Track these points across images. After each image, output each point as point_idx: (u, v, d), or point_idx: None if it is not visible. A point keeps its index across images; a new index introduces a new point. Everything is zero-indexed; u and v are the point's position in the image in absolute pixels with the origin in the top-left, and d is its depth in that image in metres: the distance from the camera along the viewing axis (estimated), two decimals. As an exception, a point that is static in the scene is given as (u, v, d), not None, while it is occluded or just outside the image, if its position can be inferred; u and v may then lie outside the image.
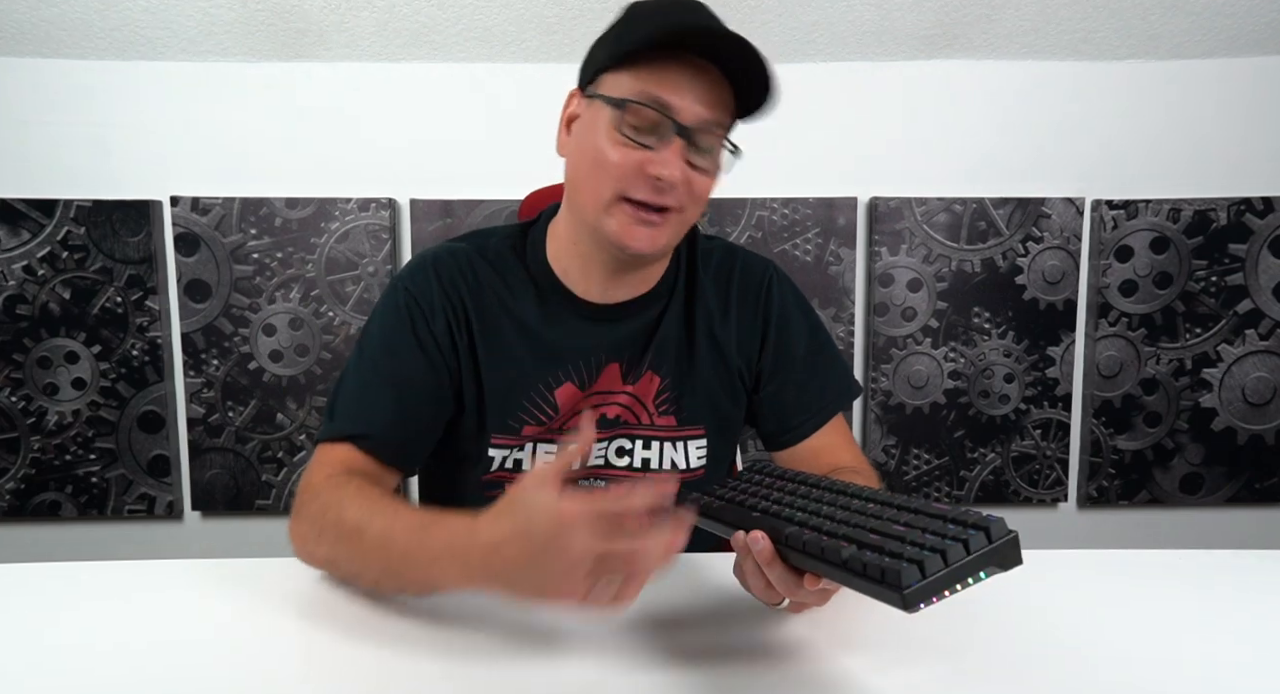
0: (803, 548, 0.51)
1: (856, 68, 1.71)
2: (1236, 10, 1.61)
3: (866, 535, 0.50)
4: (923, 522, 0.50)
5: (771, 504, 0.59)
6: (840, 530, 0.51)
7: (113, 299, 1.69)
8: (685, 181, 0.70)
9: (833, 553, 0.49)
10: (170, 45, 1.63)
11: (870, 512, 0.54)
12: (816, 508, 0.56)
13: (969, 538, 0.46)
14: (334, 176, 1.69)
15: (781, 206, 1.71)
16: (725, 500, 0.63)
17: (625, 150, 0.70)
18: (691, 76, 0.69)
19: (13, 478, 1.72)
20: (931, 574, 0.44)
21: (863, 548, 0.48)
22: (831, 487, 0.61)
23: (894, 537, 0.48)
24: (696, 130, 0.69)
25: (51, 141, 1.67)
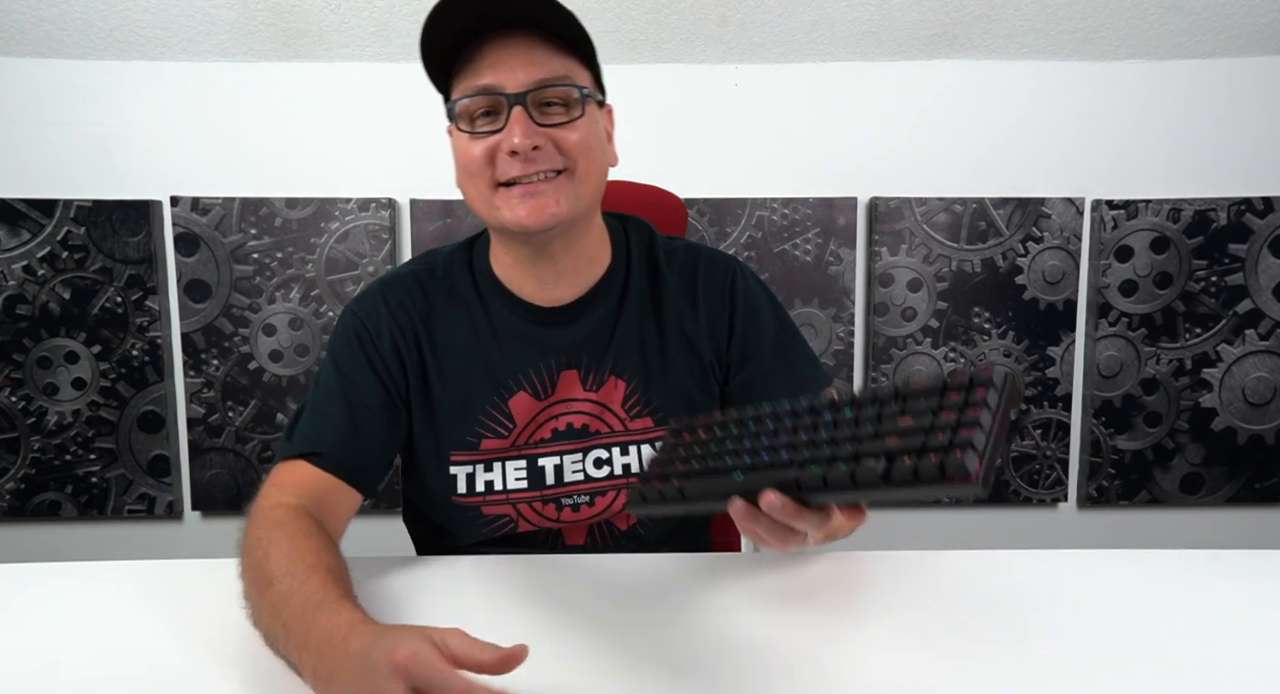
0: (826, 485, 0.47)
1: (856, 68, 1.71)
2: (1236, 10, 1.61)
3: (881, 443, 0.46)
4: (921, 404, 0.47)
5: (741, 456, 0.54)
6: (849, 450, 0.47)
7: (113, 299, 1.69)
8: (549, 141, 0.70)
9: (867, 476, 0.45)
10: (170, 45, 1.63)
11: (859, 419, 0.50)
12: (793, 439, 0.52)
13: (984, 398, 0.44)
14: (334, 176, 1.69)
15: (781, 206, 1.71)
16: (682, 476, 0.56)
17: (478, 142, 0.71)
18: (500, 48, 0.70)
19: (13, 478, 1.72)
20: (983, 447, 0.42)
21: (891, 457, 0.44)
22: (782, 412, 0.55)
23: (912, 431, 0.45)
24: (530, 92, 0.69)
25: (51, 141, 1.67)
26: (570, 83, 0.71)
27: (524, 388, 0.79)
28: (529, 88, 0.69)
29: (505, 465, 0.79)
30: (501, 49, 0.69)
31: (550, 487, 0.79)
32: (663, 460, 0.60)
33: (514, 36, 0.70)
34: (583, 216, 0.75)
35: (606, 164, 0.77)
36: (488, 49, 0.70)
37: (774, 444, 0.53)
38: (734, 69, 1.70)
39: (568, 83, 0.71)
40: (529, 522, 0.80)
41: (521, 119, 0.69)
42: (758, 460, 0.52)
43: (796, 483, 0.48)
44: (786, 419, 0.54)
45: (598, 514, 0.81)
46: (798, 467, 0.49)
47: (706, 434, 0.59)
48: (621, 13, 1.57)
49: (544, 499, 0.79)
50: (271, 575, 0.58)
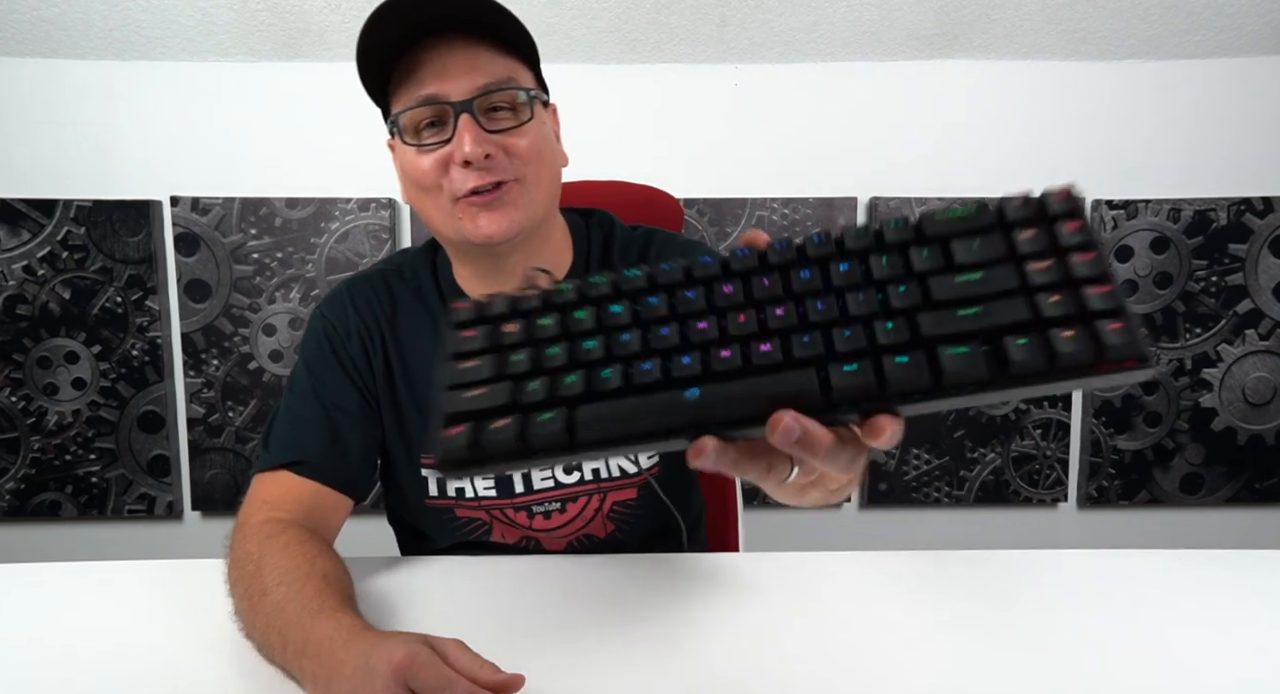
0: (883, 390, 0.32)
1: (856, 68, 1.71)
2: (1236, 10, 1.60)
3: (953, 316, 0.33)
4: (977, 250, 0.34)
5: (667, 352, 0.35)
6: (901, 333, 0.33)
7: (113, 299, 1.69)
8: (500, 148, 0.68)
9: (965, 368, 0.31)
10: (170, 45, 1.63)
11: (890, 277, 0.35)
12: (782, 317, 0.35)
13: (1085, 234, 0.33)
14: (334, 176, 1.69)
15: (781, 206, 1.71)
16: (544, 401, 0.36)
17: (426, 155, 0.69)
18: (441, 54, 0.67)
19: (13, 478, 1.72)
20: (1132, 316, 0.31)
21: (991, 336, 0.32)
22: (738, 265, 0.38)
23: (1015, 292, 0.32)
24: (475, 99, 0.67)
25: (51, 141, 1.67)
26: (515, 86, 0.69)
27: None
28: (474, 94, 0.67)
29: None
30: (443, 56, 0.67)
31: (520, 495, 0.78)
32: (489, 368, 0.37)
33: (453, 42, 0.67)
34: (541, 222, 0.73)
35: (558, 165, 0.76)
36: (427, 57, 0.67)
37: (735, 325, 0.35)
38: (734, 69, 1.70)
39: (513, 86, 0.69)
40: (503, 524, 0.80)
41: (470, 127, 0.67)
42: (715, 359, 0.34)
43: (824, 396, 0.32)
44: (750, 277, 0.37)
45: (569, 521, 0.80)
46: (803, 365, 0.33)
47: (585, 301, 0.39)
48: (621, 13, 1.57)
49: (515, 506, 0.79)
50: (265, 586, 0.58)
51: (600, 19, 1.57)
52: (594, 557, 0.76)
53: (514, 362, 0.37)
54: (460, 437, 0.35)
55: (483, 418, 0.36)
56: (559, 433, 0.34)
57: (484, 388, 0.36)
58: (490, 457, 0.35)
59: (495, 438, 0.35)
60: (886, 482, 1.78)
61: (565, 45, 1.64)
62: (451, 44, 0.68)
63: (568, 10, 1.58)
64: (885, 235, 0.36)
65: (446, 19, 0.67)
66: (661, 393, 0.34)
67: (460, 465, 0.35)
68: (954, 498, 1.79)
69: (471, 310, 0.40)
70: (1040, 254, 0.33)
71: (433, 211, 0.71)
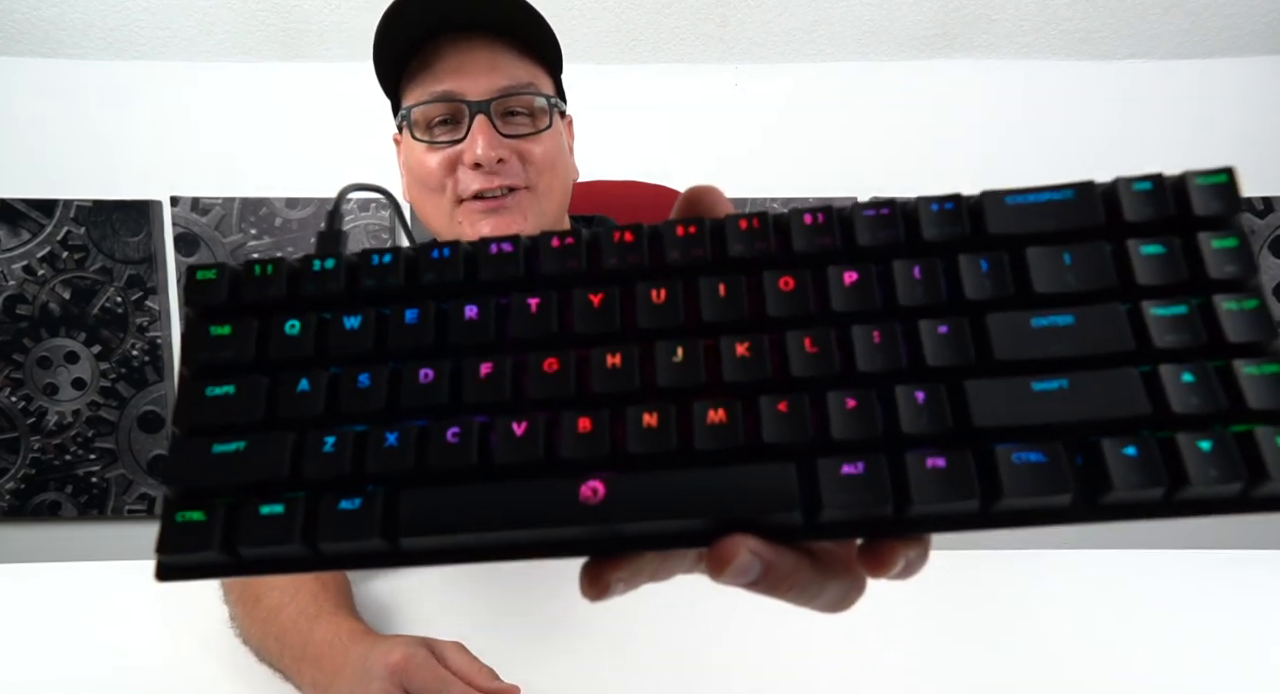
0: (989, 512, 0.21)
1: (856, 68, 1.71)
2: (1236, 10, 1.60)
3: (1062, 399, 0.21)
4: (1096, 268, 0.22)
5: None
6: (992, 411, 0.21)
7: (113, 299, 1.69)
8: (515, 153, 0.66)
9: (1052, 484, 0.20)
10: (170, 45, 1.63)
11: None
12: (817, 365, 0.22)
13: (1247, 263, 0.22)
14: (334, 176, 1.69)
15: (781, 207, 1.71)
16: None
17: (435, 152, 0.66)
18: (463, 53, 0.65)
19: (13, 478, 1.72)
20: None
21: (1095, 433, 0.20)
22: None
23: (1127, 357, 0.21)
24: (494, 101, 0.65)
25: (51, 141, 1.67)
26: (536, 91, 0.67)
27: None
28: (492, 96, 0.65)
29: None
30: (462, 53, 0.65)
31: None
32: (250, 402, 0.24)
33: (475, 39, 0.65)
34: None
35: (569, 179, 0.73)
36: (446, 52, 0.65)
37: (666, 368, 0.22)
38: (734, 69, 1.70)
39: (533, 91, 0.67)
40: None
41: (485, 129, 0.64)
42: (633, 430, 0.22)
43: (808, 515, 0.21)
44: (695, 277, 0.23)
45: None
46: (776, 453, 0.21)
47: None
48: (621, 13, 1.57)
49: None
50: (259, 591, 0.57)
51: (600, 19, 1.57)
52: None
53: (296, 395, 0.23)
54: (200, 528, 0.22)
55: (241, 494, 0.22)
56: (371, 536, 0.21)
57: (242, 438, 0.23)
58: (252, 564, 0.22)
59: (263, 535, 0.21)
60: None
61: (565, 45, 1.63)
62: (474, 41, 0.65)
63: (568, 10, 1.58)
64: (923, 225, 0.24)
65: (473, 15, 0.64)
66: (543, 482, 0.21)
67: (200, 572, 0.23)
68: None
69: (220, 283, 0.25)
70: (1170, 288, 0.22)
71: (433, 212, 0.69)
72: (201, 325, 0.24)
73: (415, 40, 0.65)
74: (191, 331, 0.24)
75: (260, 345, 0.24)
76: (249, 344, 0.24)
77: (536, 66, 0.68)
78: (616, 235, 0.24)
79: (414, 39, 0.65)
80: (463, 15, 0.64)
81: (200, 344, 0.24)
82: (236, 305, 0.25)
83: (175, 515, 0.22)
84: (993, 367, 0.21)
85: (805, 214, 0.24)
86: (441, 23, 0.64)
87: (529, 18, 0.65)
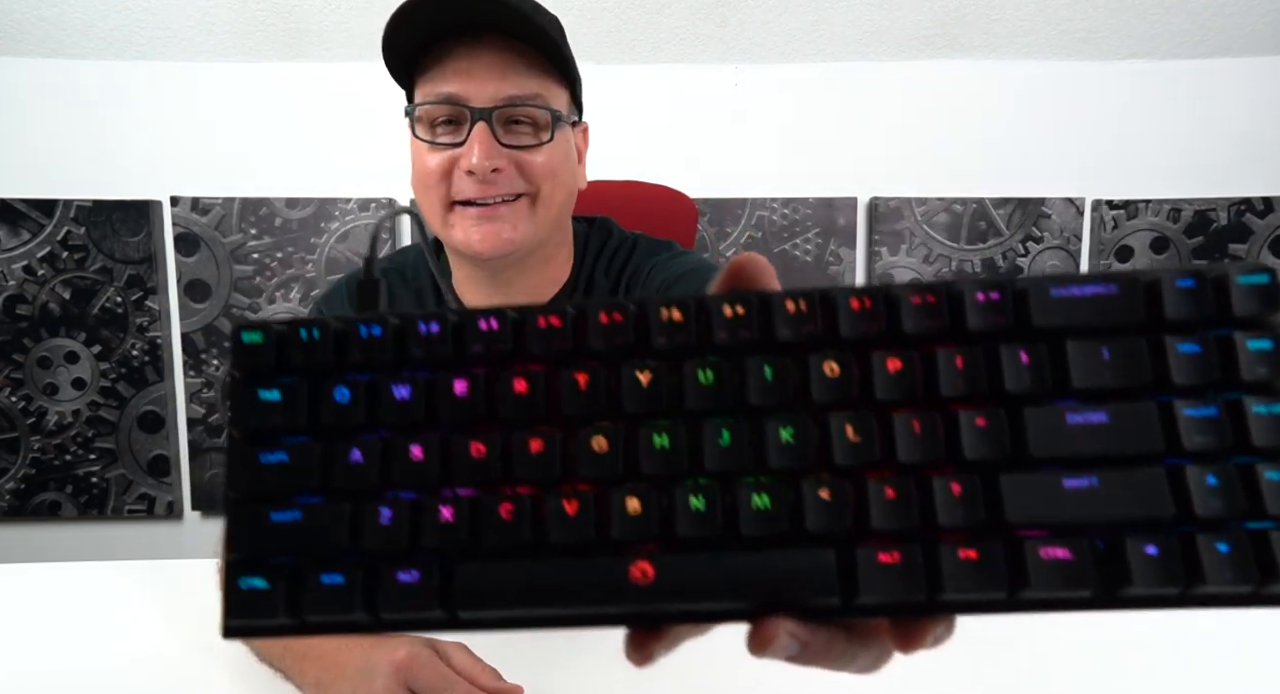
0: (1016, 598, 0.22)
1: (856, 68, 1.71)
2: (1236, 10, 1.60)
3: (1091, 499, 0.22)
4: (1134, 367, 0.23)
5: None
6: (1025, 507, 0.22)
7: (113, 299, 1.69)
8: (512, 163, 0.65)
9: (1076, 578, 0.22)
10: (170, 45, 1.63)
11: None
12: (857, 453, 0.22)
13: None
14: (334, 176, 1.69)
15: (781, 206, 1.71)
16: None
17: (435, 153, 0.66)
18: (473, 56, 0.64)
19: (13, 478, 1.72)
20: None
21: (1119, 532, 0.22)
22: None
23: (1152, 459, 0.22)
24: (498, 109, 0.64)
25: (51, 141, 1.67)
26: (542, 105, 0.66)
27: None
28: (496, 104, 0.64)
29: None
30: (473, 56, 0.64)
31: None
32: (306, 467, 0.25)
33: (488, 43, 0.64)
34: (542, 243, 0.70)
35: (574, 188, 0.72)
36: (459, 53, 0.64)
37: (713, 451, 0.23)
38: (734, 69, 1.70)
39: (539, 104, 0.66)
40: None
41: (483, 137, 0.63)
42: (683, 513, 0.22)
43: (845, 597, 0.22)
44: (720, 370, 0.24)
45: None
46: (817, 540, 0.22)
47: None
48: (621, 13, 1.57)
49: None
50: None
51: (600, 19, 1.57)
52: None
53: (350, 464, 0.23)
54: (266, 595, 0.23)
55: (302, 560, 0.23)
56: (429, 608, 0.22)
57: (298, 508, 0.23)
58: (311, 627, 0.23)
59: (324, 602, 0.23)
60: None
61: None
62: (486, 45, 0.64)
63: (568, 11, 1.58)
64: (967, 314, 0.23)
65: (488, 18, 0.63)
66: (593, 560, 0.22)
67: (258, 632, 0.24)
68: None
69: (268, 347, 0.26)
70: (1203, 387, 0.22)
71: (428, 209, 0.69)
72: (250, 389, 0.25)
73: (428, 37, 0.64)
74: (239, 394, 0.25)
75: (312, 412, 0.24)
76: (300, 411, 0.24)
77: (549, 78, 0.67)
78: (664, 312, 0.24)
79: (426, 36, 0.64)
80: (478, 17, 0.63)
81: (250, 408, 0.25)
82: (284, 369, 0.25)
83: (239, 581, 0.23)
84: (1026, 461, 0.22)
85: (852, 297, 0.24)
86: (455, 26, 0.64)
87: (541, 30, 0.64)
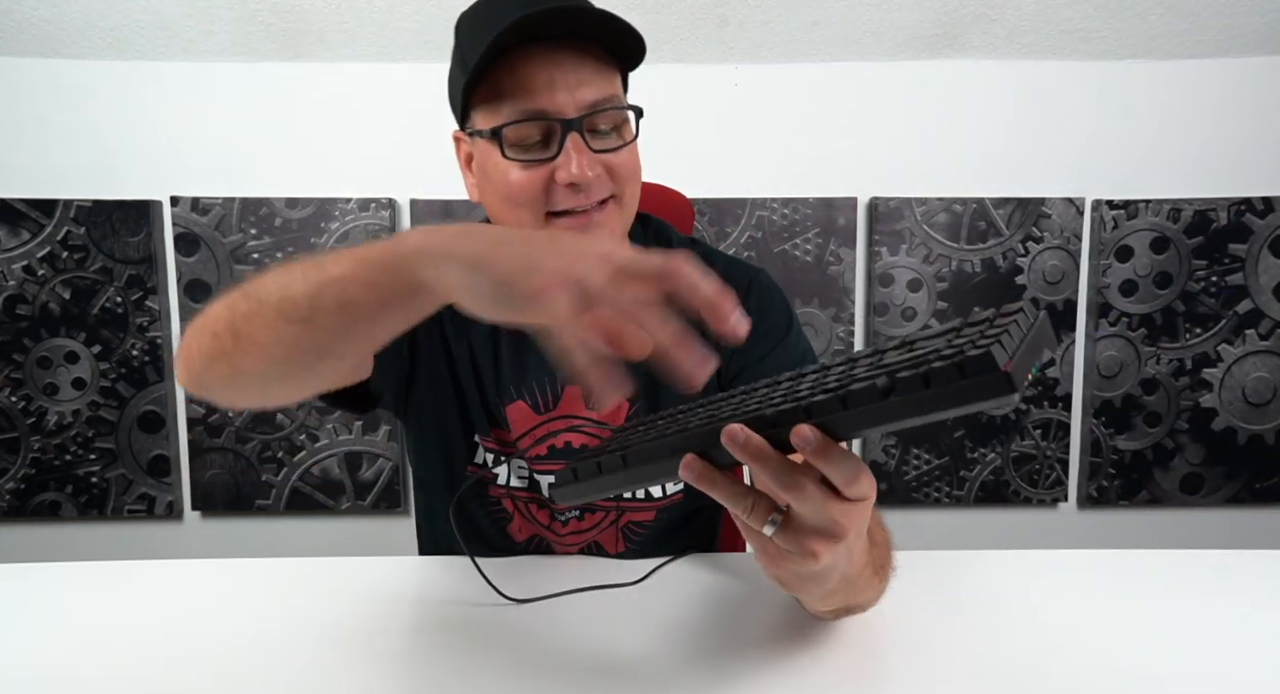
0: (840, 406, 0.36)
1: (856, 68, 1.71)
2: (1236, 10, 1.60)
3: (886, 369, 0.37)
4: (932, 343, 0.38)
5: (721, 409, 0.44)
6: (851, 377, 0.38)
7: (113, 299, 1.69)
8: (605, 168, 0.66)
9: (865, 394, 0.35)
10: (170, 45, 1.63)
11: (861, 359, 0.41)
12: (791, 387, 0.42)
13: (1012, 316, 0.36)
14: (334, 176, 1.69)
15: (781, 206, 1.71)
16: (627, 446, 0.46)
17: (528, 172, 0.65)
18: (550, 65, 0.63)
19: (13, 478, 1.72)
20: (1013, 347, 0.33)
21: (897, 370, 0.35)
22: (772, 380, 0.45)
23: (924, 354, 0.36)
24: (585, 118, 0.64)
25: (51, 141, 1.67)
26: (620, 104, 0.67)
27: (524, 398, 0.77)
28: (583, 112, 0.64)
29: (510, 463, 0.78)
30: (550, 66, 0.63)
31: (549, 496, 0.78)
32: (607, 441, 0.52)
33: (562, 52, 0.64)
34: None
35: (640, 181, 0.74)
36: (536, 65, 0.63)
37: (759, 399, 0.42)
38: (734, 69, 1.70)
39: (618, 105, 0.67)
40: (523, 518, 0.80)
41: (580, 148, 0.64)
42: (741, 408, 0.42)
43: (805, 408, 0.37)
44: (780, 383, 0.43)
45: (586, 530, 0.79)
46: (786, 401, 0.39)
47: (667, 418, 0.49)
48: (621, 13, 1.56)
49: (539, 503, 0.79)
50: (259, 296, 0.50)
51: (600, 19, 1.57)
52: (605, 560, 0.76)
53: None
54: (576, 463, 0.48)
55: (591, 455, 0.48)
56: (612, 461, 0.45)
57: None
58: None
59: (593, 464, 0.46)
60: (887, 482, 1.78)
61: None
62: (558, 53, 0.64)
63: (568, 10, 1.58)
64: (858, 354, 0.42)
65: (564, 27, 0.63)
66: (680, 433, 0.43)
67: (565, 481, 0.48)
68: (954, 498, 1.79)
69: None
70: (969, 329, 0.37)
71: (518, 225, 0.68)
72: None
73: (501, 49, 0.63)
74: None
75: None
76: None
77: (614, 73, 0.68)
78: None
79: (503, 46, 0.63)
80: (557, 27, 0.63)
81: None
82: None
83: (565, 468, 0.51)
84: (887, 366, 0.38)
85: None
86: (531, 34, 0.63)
87: (611, 23, 0.64)
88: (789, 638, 0.59)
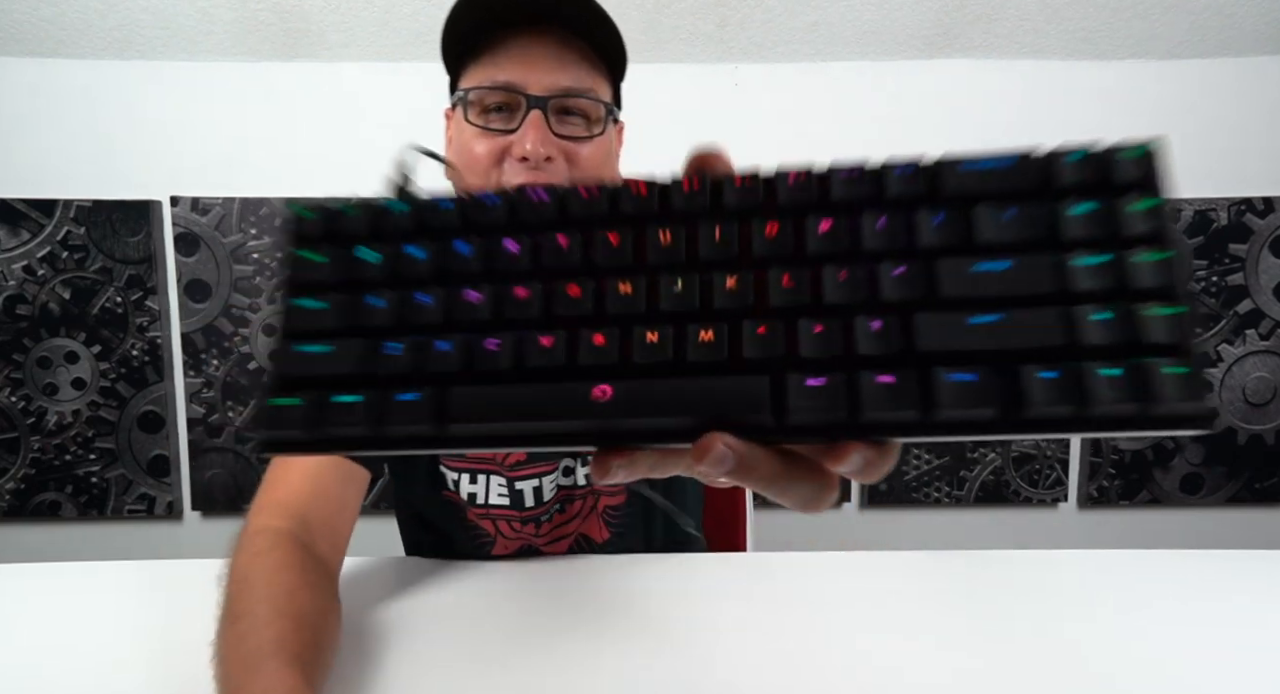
0: (928, 422, 0.24)
1: (856, 68, 1.71)
2: (1236, 10, 1.60)
3: (992, 332, 0.24)
4: (1032, 224, 0.26)
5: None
6: (935, 337, 0.24)
7: (113, 299, 1.69)
8: (563, 154, 0.66)
9: (981, 399, 0.23)
10: (170, 45, 1.63)
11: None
12: (791, 297, 0.26)
13: (1160, 224, 0.25)
14: (334, 176, 1.69)
15: (781, 206, 1.71)
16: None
17: (487, 139, 0.66)
18: (532, 46, 0.65)
19: (13, 478, 1.72)
20: (1198, 355, 0.24)
21: (1020, 360, 0.24)
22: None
23: (1050, 298, 0.24)
24: (553, 99, 0.65)
25: (51, 141, 1.67)
26: (596, 97, 0.67)
27: None
28: (552, 93, 0.65)
29: (489, 479, 0.77)
30: (530, 45, 0.65)
31: (530, 508, 0.77)
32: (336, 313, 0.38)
33: (546, 35, 0.65)
34: None
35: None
36: (515, 41, 0.65)
37: (668, 295, 0.27)
38: (734, 69, 1.70)
39: (593, 96, 0.67)
40: (506, 539, 0.79)
41: (539, 125, 0.64)
42: (639, 344, 0.27)
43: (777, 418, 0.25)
44: (697, 221, 0.28)
45: (569, 520, 0.79)
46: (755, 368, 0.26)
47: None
48: (621, 13, 1.56)
49: (523, 519, 0.78)
50: (239, 611, 0.54)
51: (600, 19, 1.57)
52: (597, 558, 0.76)
53: (370, 309, 0.28)
54: (294, 411, 0.27)
55: (324, 387, 0.27)
56: (424, 422, 0.26)
57: (329, 342, 0.28)
58: (330, 442, 0.27)
59: (340, 418, 0.27)
60: (886, 481, 1.78)
61: (565, 45, 1.64)
62: (544, 34, 0.65)
63: (568, 10, 1.58)
64: (886, 184, 0.27)
65: (549, 10, 0.64)
66: (562, 384, 0.26)
67: (288, 447, 0.28)
68: (954, 498, 1.79)
69: (318, 218, 0.31)
70: (1093, 243, 0.25)
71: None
72: (297, 252, 0.30)
73: (492, 24, 0.65)
74: (289, 256, 0.30)
75: (348, 270, 0.29)
76: (339, 269, 0.30)
77: (600, 72, 0.68)
78: (631, 188, 0.29)
79: (490, 23, 0.65)
80: (540, 8, 0.64)
81: (297, 266, 0.30)
82: (329, 236, 0.30)
83: (269, 401, 0.28)
84: (939, 303, 0.25)
85: (790, 174, 0.28)
86: (520, 13, 0.64)
87: (603, 22, 0.65)
88: (786, 637, 0.59)
